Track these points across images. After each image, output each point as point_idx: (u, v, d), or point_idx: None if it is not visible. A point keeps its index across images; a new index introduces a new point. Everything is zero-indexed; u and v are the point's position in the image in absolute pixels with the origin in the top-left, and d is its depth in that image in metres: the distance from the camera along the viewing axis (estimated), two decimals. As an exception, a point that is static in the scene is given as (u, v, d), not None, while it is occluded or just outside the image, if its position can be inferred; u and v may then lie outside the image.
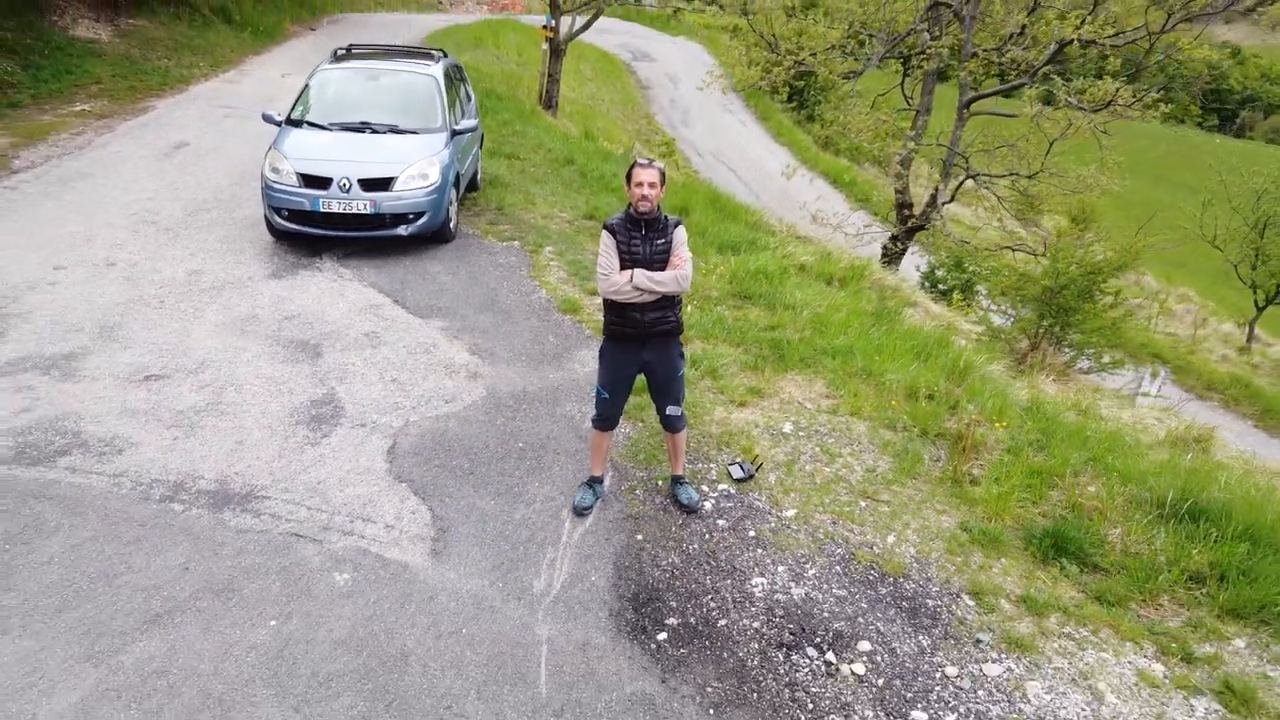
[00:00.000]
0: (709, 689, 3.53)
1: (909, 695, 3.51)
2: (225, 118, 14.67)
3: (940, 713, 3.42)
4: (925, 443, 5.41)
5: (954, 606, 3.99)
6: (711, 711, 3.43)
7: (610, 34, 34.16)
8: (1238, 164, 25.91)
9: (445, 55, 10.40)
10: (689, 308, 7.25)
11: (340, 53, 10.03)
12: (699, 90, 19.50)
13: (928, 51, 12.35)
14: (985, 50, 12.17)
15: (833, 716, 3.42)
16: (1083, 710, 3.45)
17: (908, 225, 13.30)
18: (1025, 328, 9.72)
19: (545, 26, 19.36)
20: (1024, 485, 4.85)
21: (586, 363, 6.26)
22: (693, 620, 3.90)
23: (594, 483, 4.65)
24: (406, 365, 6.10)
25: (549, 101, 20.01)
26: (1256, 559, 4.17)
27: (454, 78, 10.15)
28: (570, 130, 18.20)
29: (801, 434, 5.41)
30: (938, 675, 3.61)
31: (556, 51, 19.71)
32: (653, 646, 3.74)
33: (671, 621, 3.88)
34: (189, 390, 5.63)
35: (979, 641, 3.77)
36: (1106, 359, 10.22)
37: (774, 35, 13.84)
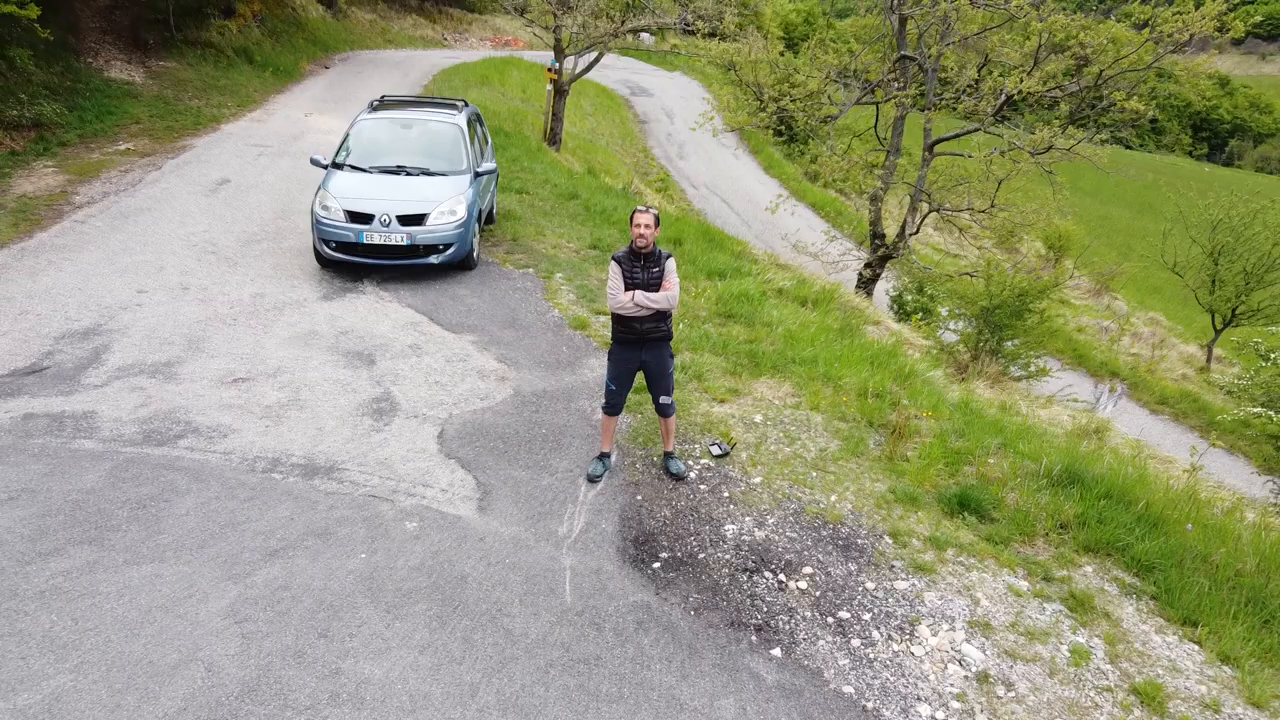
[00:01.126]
0: (691, 599, 4.79)
1: (837, 601, 4.76)
2: (259, 156, 15.99)
3: (859, 612, 4.68)
4: (870, 431, 6.70)
5: (877, 544, 5.25)
6: (692, 613, 4.68)
7: (609, 69, 35.76)
8: (1204, 191, 27.44)
9: (467, 105, 11.76)
10: (680, 325, 8.55)
11: (375, 103, 11.39)
12: (692, 131, 20.94)
13: (895, 99, 13.81)
14: (945, 99, 13.63)
15: (781, 615, 4.67)
16: (963, 611, 4.70)
17: (879, 254, 14.69)
18: (966, 341, 11.06)
19: (550, 69, 20.83)
20: (943, 461, 6.12)
21: (594, 369, 7.55)
22: (679, 554, 5.16)
23: (603, 457, 5.93)
24: (446, 371, 7.39)
25: (553, 138, 21.45)
26: (1110, 510, 5.44)
27: (475, 125, 11.52)
28: (574, 166, 19.57)
29: (769, 423, 6.70)
30: (860, 589, 4.86)
31: (560, 91, 21.17)
32: (649, 572, 5.00)
33: (663, 555, 5.14)
34: (271, 390, 6.91)
35: (893, 566, 5.02)
36: (1034, 367, 11.52)
37: (759, 84, 15.30)
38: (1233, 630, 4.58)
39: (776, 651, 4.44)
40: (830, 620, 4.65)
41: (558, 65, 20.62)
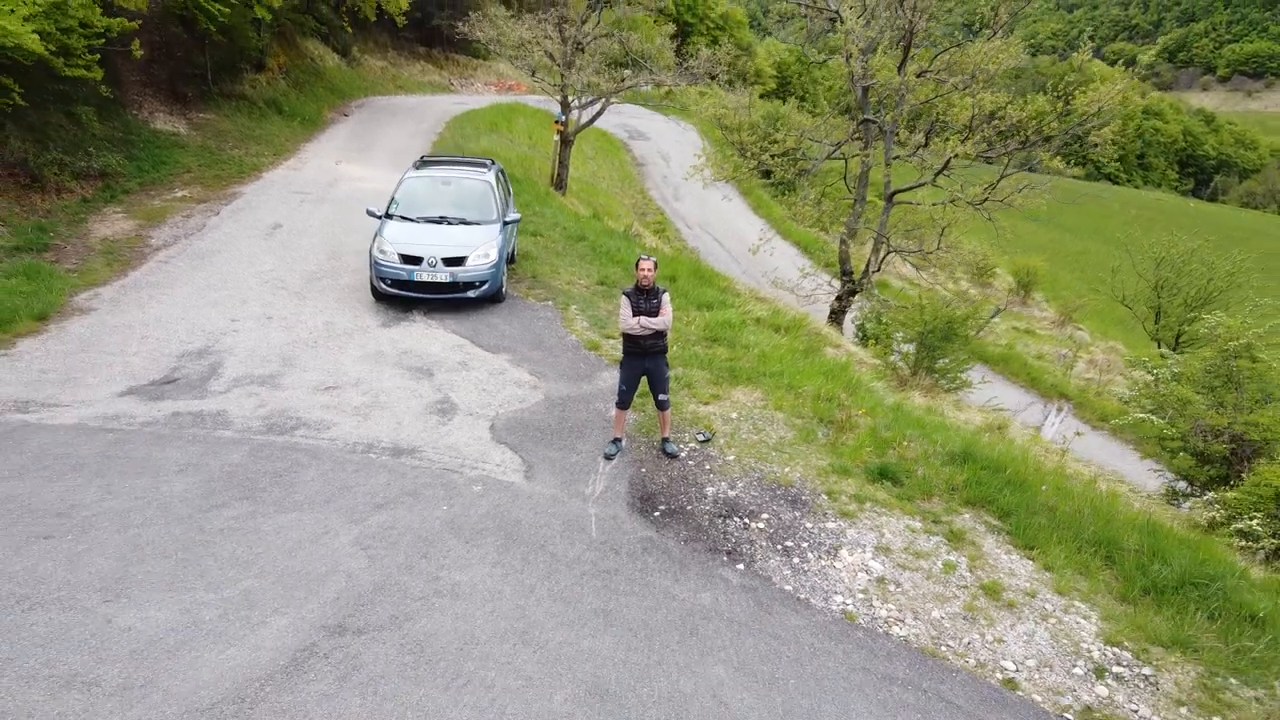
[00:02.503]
0: (681, 534, 6.75)
1: (784, 535, 6.73)
2: (302, 202, 18.03)
3: (799, 542, 6.65)
4: (820, 425, 8.69)
5: (816, 499, 7.23)
6: (682, 543, 6.63)
7: (609, 114, 37.78)
8: (1186, 227, 29.68)
9: (494, 163, 13.88)
10: (674, 346, 10.55)
11: (418, 163, 13.49)
12: (685, 180, 23.16)
13: (859, 156, 16.01)
14: (900, 158, 15.82)
15: (744, 544, 6.63)
16: (871, 540, 6.67)
17: (847, 289, 16.78)
18: (906, 359, 13.06)
19: (557, 121, 23.07)
20: (872, 445, 8.11)
21: (606, 380, 9.55)
22: (673, 507, 7.12)
23: (616, 441, 7.91)
24: (490, 381, 9.39)
25: (560, 183, 23.61)
26: (988, 477, 7.43)
27: (501, 180, 13.62)
28: (580, 210, 21.71)
29: (742, 419, 8.69)
30: (801, 527, 6.83)
31: (566, 141, 23.39)
32: (651, 518, 6.96)
33: (661, 507, 7.11)
34: (356, 396, 8.89)
35: (826, 513, 6.99)
36: (959, 380, 13.50)
37: (742, 142, 17.50)
38: (1056, 551, 6.55)
39: (740, 566, 6.39)
40: (779, 547, 6.62)
41: (564, 118, 22.86)
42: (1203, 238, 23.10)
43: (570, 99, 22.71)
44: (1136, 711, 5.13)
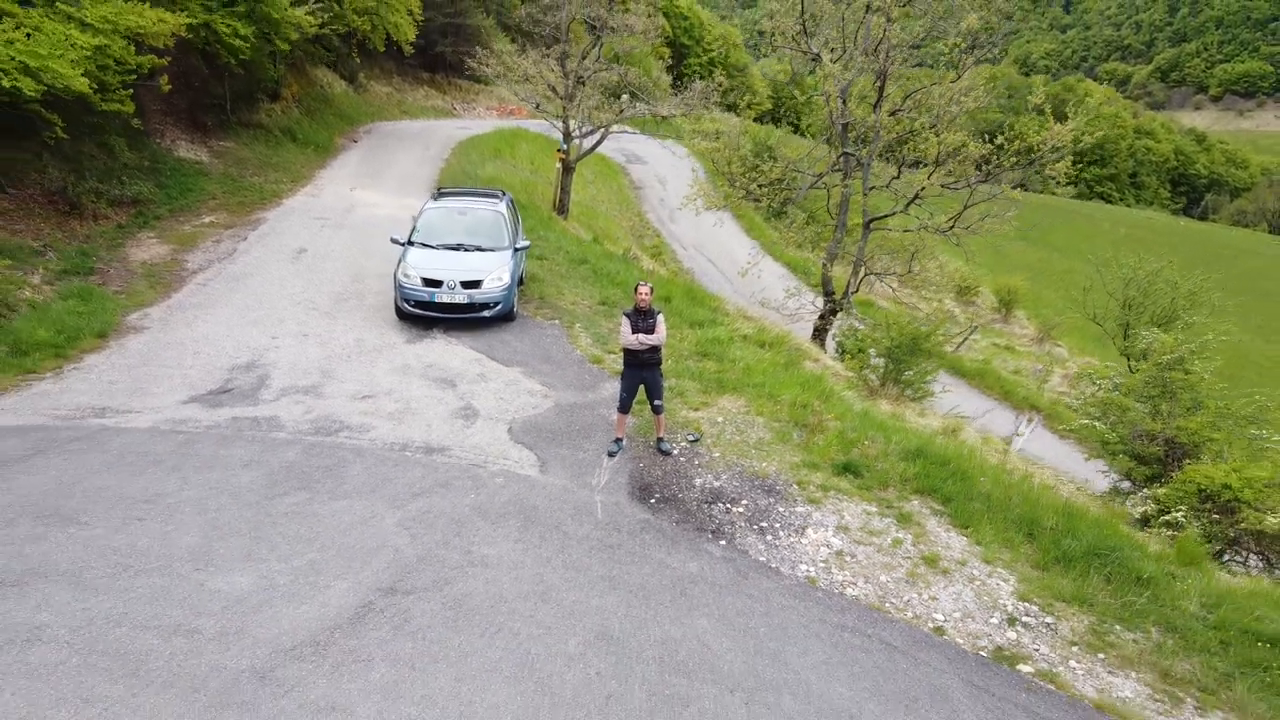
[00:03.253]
0: (673, 517, 8.00)
1: (760, 517, 7.98)
2: (322, 228, 19.31)
3: (772, 523, 7.90)
4: (794, 428, 9.96)
5: (788, 489, 8.48)
6: (674, 524, 7.88)
7: (608, 139, 39.57)
8: (1175, 245, 31.05)
9: (505, 194, 15.21)
10: (669, 360, 11.82)
11: (436, 194, 14.82)
12: (680, 208, 24.57)
13: (839, 186, 17.41)
14: (875, 188, 17.24)
15: (726, 525, 7.88)
16: (833, 521, 7.92)
17: (828, 308, 18.14)
18: (875, 371, 14.37)
19: (560, 150, 24.47)
20: (839, 445, 9.37)
21: (608, 389, 10.81)
22: (667, 495, 8.37)
23: (618, 441, 9.17)
24: (506, 391, 10.65)
25: (561, 208, 24.98)
26: (936, 470, 8.69)
27: (512, 210, 14.94)
28: (581, 234, 23.03)
29: (727, 423, 9.97)
30: (774, 511, 8.09)
31: (568, 169, 24.78)
32: (648, 504, 8.21)
33: (656, 495, 8.36)
34: (389, 403, 10.15)
35: (796, 500, 8.24)
36: (922, 390, 14.78)
37: (731, 174, 18.91)
38: (987, 529, 7.82)
39: (722, 543, 7.64)
40: (755, 527, 7.87)
41: (566, 147, 24.25)
42: (1168, 259, 24.54)
43: (572, 128, 24.11)
44: (1038, 650, 6.38)
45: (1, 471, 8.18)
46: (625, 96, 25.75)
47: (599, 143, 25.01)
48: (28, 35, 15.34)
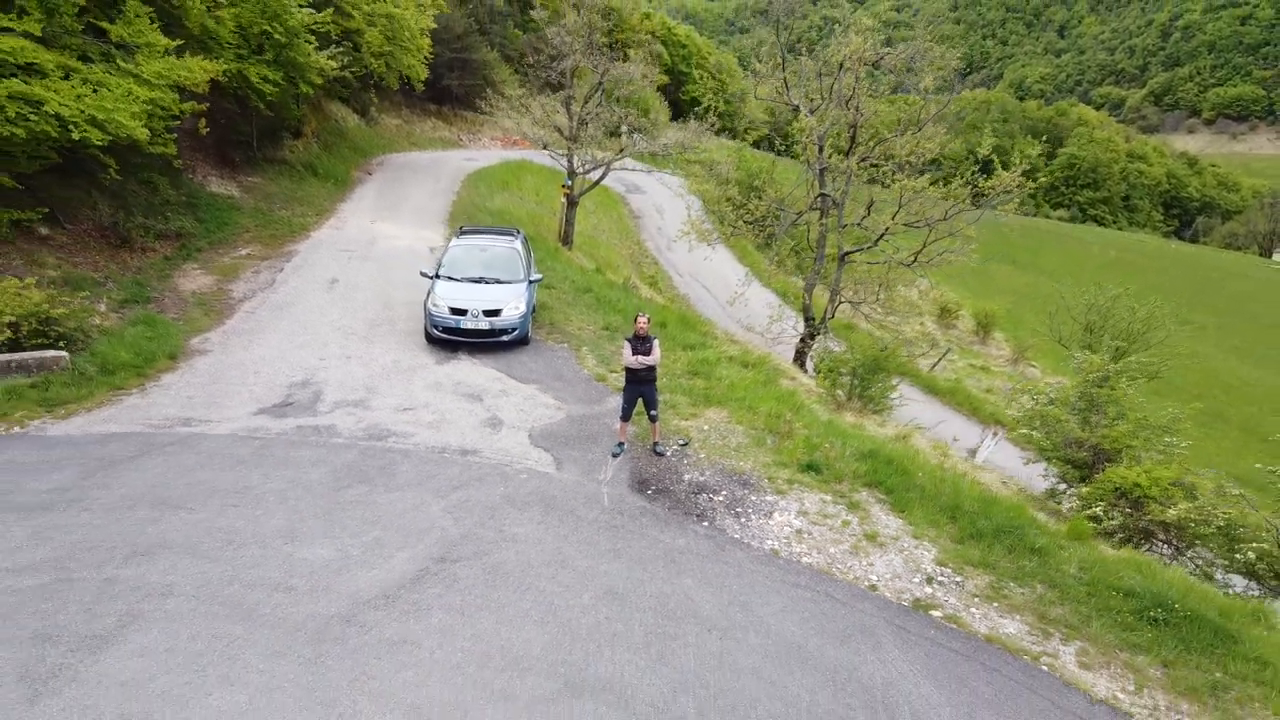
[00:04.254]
0: (666, 505, 9.84)
1: (736, 504, 9.83)
2: (349, 259, 21.15)
3: (746, 509, 9.75)
4: (768, 435, 11.81)
5: (760, 482, 10.33)
6: (666, 510, 9.72)
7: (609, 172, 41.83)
8: (1165, 268, 33.06)
9: (519, 232, 17.15)
10: (664, 378, 13.69)
11: (459, 232, 16.75)
12: (676, 239, 26.59)
13: (818, 224, 19.43)
14: (848, 225, 19.27)
15: (709, 510, 9.73)
16: (796, 507, 9.77)
17: (808, 332, 20.10)
18: (841, 387, 16.26)
19: (564, 186, 26.47)
20: (805, 448, 11.23)
21: (612, 403, 12.68)
22: (660, 487, 10.22)
23: (620, 445, 11.04)
24: (525, 404, 12.51)
25: (566, 238, 26.94)
26: (883, 467, 10.54)
27: (526, 246, 16.87)
28: (585, 263, 24.94)
29: (712, 430, 11.83)
30: (748, 500, 9.94)
31: (572, 203, 26.77)
32: (646, 495, 10.05)
33: (652, 488, 10.21)
34: (427, 414, 12.00)
35: (766, 491, 10.09)
36: (883, 404, 16.64)
37: (721, 211, 20.92)
38: (919, 512, 9.67)
39: (705, 524, 9.48)
40: (732, 512, 9.72)
41: (570, 183, 26.26)
42: (1154, 283, 26.50)
43: (575, 165, 26.13)
44: (948, 601, 8.21)
45: (116, 469, 10.02)
46: (625, 132, 27.78)
47: (601, 178, 27.00)
48: (94, 90, 17.28)
